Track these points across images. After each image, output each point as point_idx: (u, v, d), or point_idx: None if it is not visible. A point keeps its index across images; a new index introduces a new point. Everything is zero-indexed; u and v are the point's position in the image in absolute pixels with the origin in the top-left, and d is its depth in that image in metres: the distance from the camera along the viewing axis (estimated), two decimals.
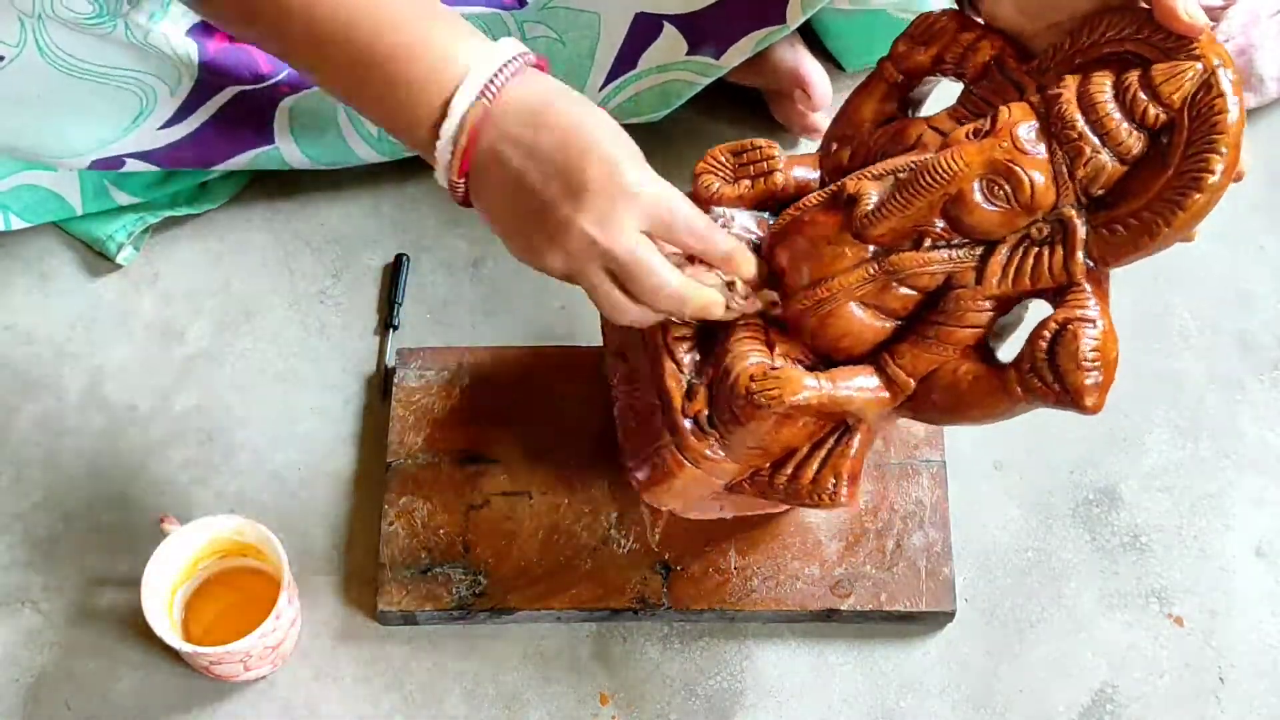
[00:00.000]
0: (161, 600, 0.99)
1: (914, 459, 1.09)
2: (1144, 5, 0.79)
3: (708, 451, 0.90)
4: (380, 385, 1.15)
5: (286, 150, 1.14)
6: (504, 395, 1.12)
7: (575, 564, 1.06)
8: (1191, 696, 1.05)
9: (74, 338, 1.18)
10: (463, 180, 0.84)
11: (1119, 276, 1.21)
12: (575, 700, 1.05)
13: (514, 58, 0.83)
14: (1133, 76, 0.78)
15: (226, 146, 1.12)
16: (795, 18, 1.12)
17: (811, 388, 0.86)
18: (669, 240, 0.84)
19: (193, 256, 1.22)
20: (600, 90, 1.18)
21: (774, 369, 0.86)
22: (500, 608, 1.04)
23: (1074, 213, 0.82)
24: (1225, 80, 0.76)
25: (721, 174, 0.93)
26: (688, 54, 1.16)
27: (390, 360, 1.15)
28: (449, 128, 0.82)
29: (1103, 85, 0.79)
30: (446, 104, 0.82)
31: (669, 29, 1.14)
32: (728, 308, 0.87)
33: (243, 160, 1.14)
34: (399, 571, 1.05)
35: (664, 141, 1.26)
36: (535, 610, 1.05)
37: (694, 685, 1.05)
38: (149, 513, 1.07)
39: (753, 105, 1.28)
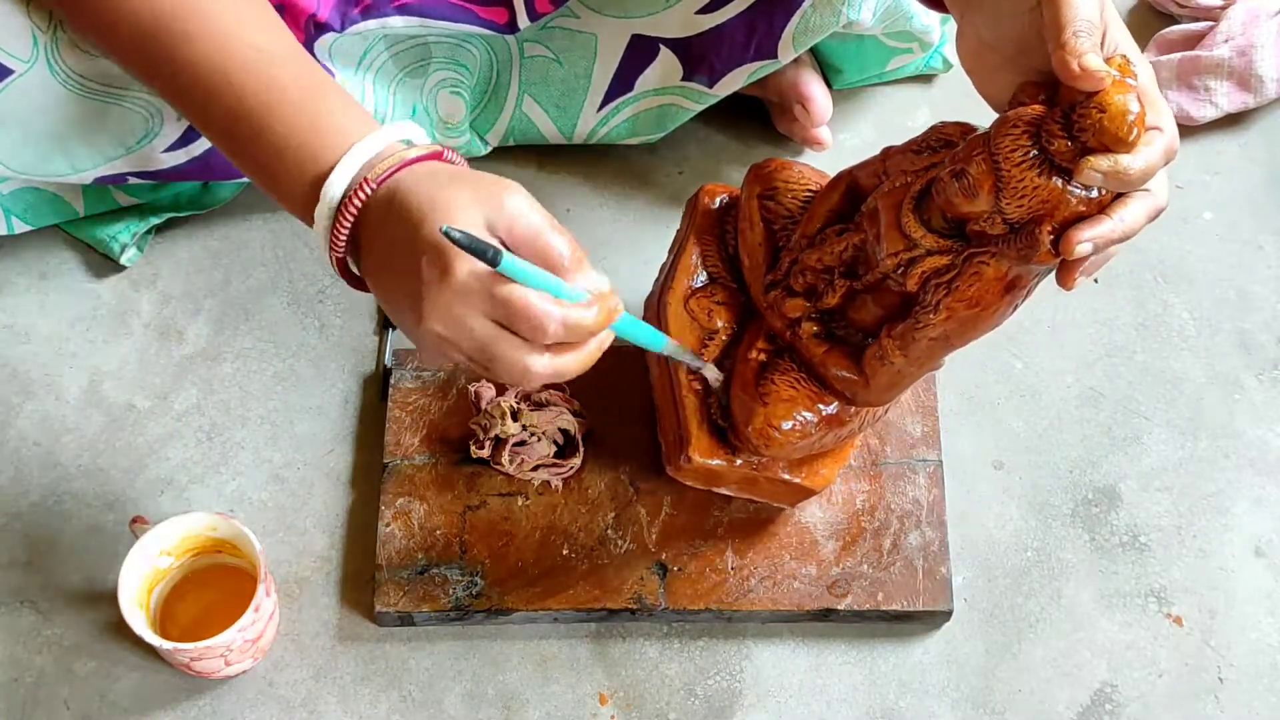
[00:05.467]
0: (139, 600, 1.00)
1: (910, 459, 1.09)
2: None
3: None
4: (379, 385, 1.15)
5: None
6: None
7: (572, 565, 1.06)
8: (1190, 696, 1.05)
9: (73, 337, 1.18)
10: (339, 263, 0.84)
11: (1120, 276, 1.22)
12: (574, 700, 1.05)
13: (390, 151, 0.81)
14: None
15: (229, 168, 1.12)
16: (786, 54, 1.14)
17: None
18: (517, 332, 0.78)
19: (192, 256, 1.22)
20: (599, 112, 1.19)
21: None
22: (497, 609, 1.04)
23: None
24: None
25: None
26: (682, 79, 1.17)
27: (389, 360, 1.15)
28: (321, 210, 0.81)
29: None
30: (321, 180, 0.81)
31: (665, 53, 1.15)
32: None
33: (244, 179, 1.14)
34: (396, 572, 1.05)
35: (675, 148, 1.27)
36: (533, 611, 1.05)
37: (693, 685, 1.05)
38: (148, 512, 1.07)
39: (760, 117, 1.29)
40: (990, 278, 0.83)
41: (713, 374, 0.97)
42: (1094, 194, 0.77)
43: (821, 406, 0.94)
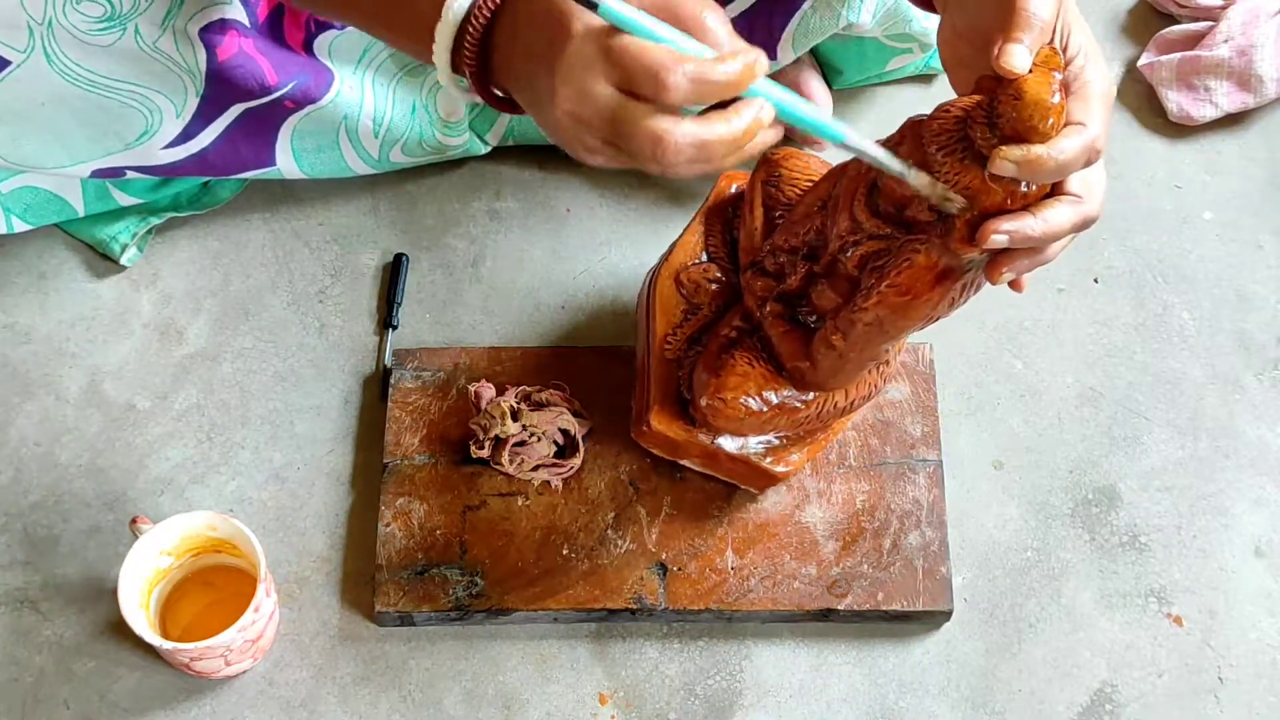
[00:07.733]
0: (139, 600, 1.00)
1: (910, 459, 1.09)
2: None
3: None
4: (379, 385, 1.15)
5: (286, 168, 1.14)
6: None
7: (572, 565, 1.06)
8: (1190, 696, 1.05)
9: (73, 337, 1.18)
10: (469, 78, 0.81)
11: (1120, 276, 1.21)
12: (574, 700, 1.05)
13: None
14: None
15: (228, 165, 1.12)
16: (786, 55, 1.14)
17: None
18: (640, 93, 0.72)
19: (192, 256, 1.22)
20: None
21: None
22: (497, 609, 1.04)
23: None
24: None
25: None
26: None
27: (389, 360, 1.15)
28: (443, 30, 0.79)
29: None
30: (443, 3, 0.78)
31: None
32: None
33: (242, 176, 1.14)
34: (396, 573, 1.05)
35: None
36: (532, 611, 1.05)
37: (693, 685, 1.05)
38: (148, 512, 1.07)
39: None
40: (921, 265, 0.83)
41: (916, 178, 0.80)
42: (1022, 189, 0.77)
43: (776, 386, 0.96)
